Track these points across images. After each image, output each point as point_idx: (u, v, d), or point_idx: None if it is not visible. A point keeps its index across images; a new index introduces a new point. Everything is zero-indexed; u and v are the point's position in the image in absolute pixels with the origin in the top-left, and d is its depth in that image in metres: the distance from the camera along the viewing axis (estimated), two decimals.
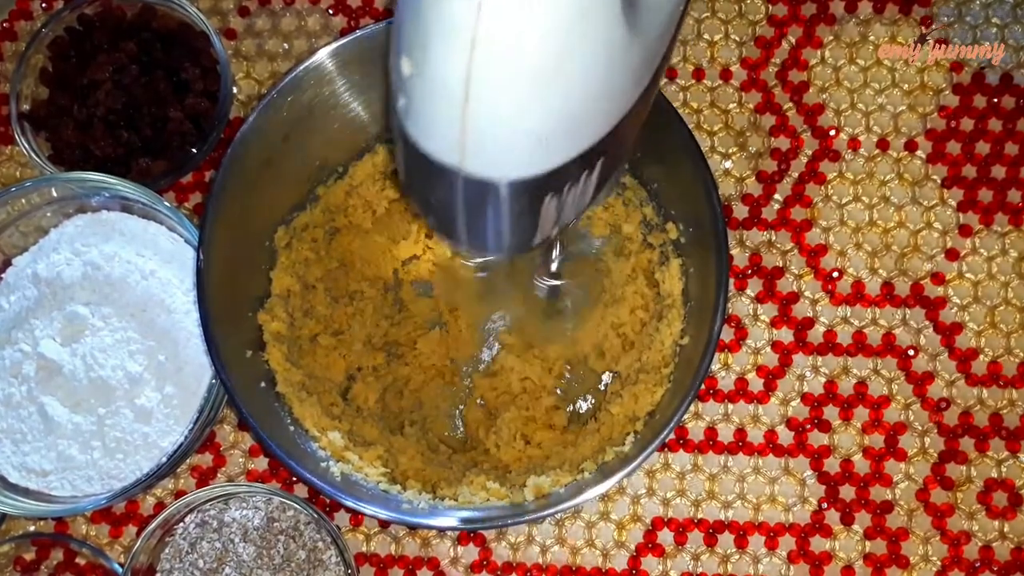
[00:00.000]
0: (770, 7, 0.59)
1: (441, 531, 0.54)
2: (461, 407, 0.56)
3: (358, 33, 0.51)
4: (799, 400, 0.55)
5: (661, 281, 0.54)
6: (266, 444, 0.48)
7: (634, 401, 0.52)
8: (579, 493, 0.47)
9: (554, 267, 0.55)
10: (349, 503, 0.48)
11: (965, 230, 0.56)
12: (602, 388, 0.55)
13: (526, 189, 0.31)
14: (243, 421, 0.49)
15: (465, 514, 0.49)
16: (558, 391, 0.55)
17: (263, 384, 0.52)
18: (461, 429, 0.56)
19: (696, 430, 0.55)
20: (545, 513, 0.47)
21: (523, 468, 0.52)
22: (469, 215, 0.33)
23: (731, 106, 0.58)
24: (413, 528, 0.55)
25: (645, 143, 0.52)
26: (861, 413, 0.55)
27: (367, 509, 0.48)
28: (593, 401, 0.55)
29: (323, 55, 0.51)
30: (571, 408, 0.55)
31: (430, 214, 0.35)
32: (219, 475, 0.56)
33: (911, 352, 0.55)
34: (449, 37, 0.27)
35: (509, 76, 0.28)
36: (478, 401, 0.56)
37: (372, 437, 0.54)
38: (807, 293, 0.56)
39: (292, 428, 0.52)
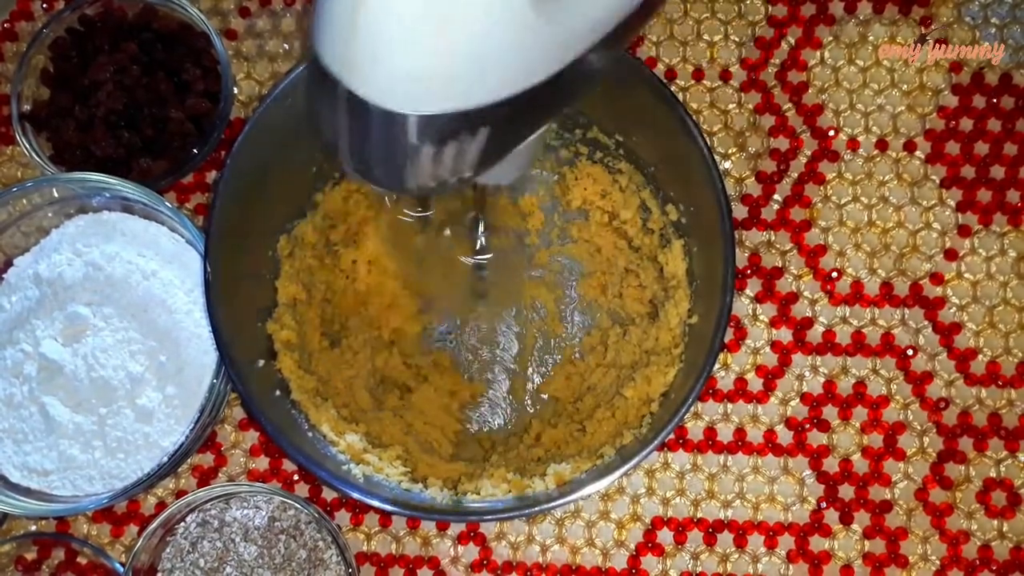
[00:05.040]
0: (770, 8, 0.59)
1: (468, 522, 0.54)
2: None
3: None
4: (798, 400, 0.55)
5: (664, 263, 0.54)
6: (289, 453, 0.48)
7: (647, 384, 0.52)
8: (600, 477, 0.47)
9: (478, 244, 0.55)
10: (376, 504, 0.48)
11: (964, 230, 0.56)
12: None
13: (395, 122, 0.31)
14: (263, 431, 0.49)
15: (488, 506, 0.49)
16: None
17: (278, 392, 0.52)
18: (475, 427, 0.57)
19: (695, 430, 0.55)
20: (570, 499, 0.47)
21: (541, 458, 0.53)
22: (349, 133, 0.33)
23: (730, 107, 0.58)
24: (443, 522, 0.55)
25: (639, 126, 0.52)
26: (860, 413, 0.55)
27: (389, 508, 0.48)
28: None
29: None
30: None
31: (322, 128, 0.35)
32: (220, 475, 0.57)
33: (910, 352, 0.55)
34: None
35: (396, 7, 0.28)
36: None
37: (389, 438, 0.54)
38: (806, 293, 0.56)
39: (311, 434, 0.52)
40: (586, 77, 0.35)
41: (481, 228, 0.54)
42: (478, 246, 0.55)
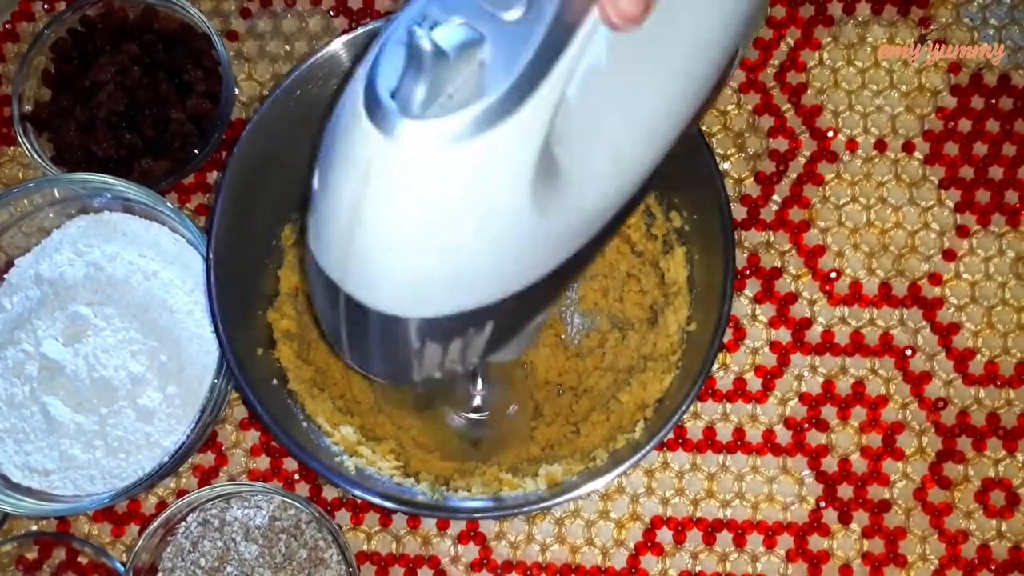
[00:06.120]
0: (768, 9, 0.59)
1: (456, 519, 0.54)
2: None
3: (361, 30, 0.51)
4: (797, 400, 0.55)
5: (666, 269, 0.54)
6: (282, 440, 0.48)
7: (643, 389, 0.52)
8: (591, 480, 0.47)
9: (475, 402, 0.55)
10: (366, 496, 0.48)
11: (962, 231, 0.56)
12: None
13: (398, 325, 0.31)
14: (258, 418, 0.49)
15: (479, 504, 0.49)
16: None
17: (275, 381, 0.52)
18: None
19: (695, 429, 0.55)
20: (560, 500, 0.47)
21: (535, 457, 0.53)
22: (349, 333, 0.33)
23: (729, 107, 0.58)
24: (429, 518, 0.55)
25: None
26: (859, 413, 0.55)
27: (378, 501, 0.48)
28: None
29: (327, 52, 0.51)
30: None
31: (322, 323, 0.35)
32: (221, 474, 0.57)
33: (908, 352, 0.55)
34: (348, 165, 0.28)
35: (393, 217, 0.28)
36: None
37: (383, 432, 0.54)
38: (805, 293, 0.56)
39: (305, 424, 0.52)
40: (592, 255, 0.35)
41: (480, 385, 0.53)
42: (474, 404, 0.54)
